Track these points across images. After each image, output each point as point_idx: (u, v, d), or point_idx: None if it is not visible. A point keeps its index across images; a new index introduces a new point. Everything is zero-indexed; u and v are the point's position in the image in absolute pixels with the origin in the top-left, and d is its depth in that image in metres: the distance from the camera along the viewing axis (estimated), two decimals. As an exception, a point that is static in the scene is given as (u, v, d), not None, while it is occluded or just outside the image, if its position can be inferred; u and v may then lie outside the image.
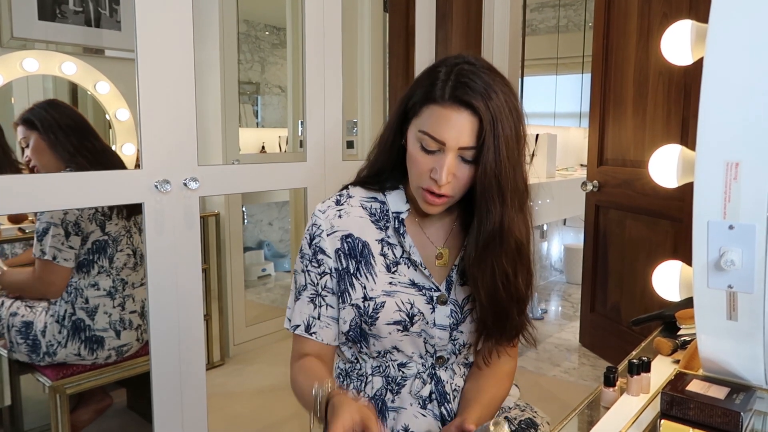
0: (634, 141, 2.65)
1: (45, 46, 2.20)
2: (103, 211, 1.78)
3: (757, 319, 0.70)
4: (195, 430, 1.59)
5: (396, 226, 0.98)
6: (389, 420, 0.99)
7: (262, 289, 3.89)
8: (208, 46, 2.76)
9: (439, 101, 0.87)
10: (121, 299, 1.83)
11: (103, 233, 1.78)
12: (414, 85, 0.93)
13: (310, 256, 0.98)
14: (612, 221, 2.84)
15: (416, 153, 0.90)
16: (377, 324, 0.95)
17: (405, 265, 0.98)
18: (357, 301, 0.96)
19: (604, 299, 2.91)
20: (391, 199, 1.00)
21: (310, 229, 0.99)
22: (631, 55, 2.64)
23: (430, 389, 0.99)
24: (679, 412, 0.72)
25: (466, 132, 0.86)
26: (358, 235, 0.98)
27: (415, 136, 0.90)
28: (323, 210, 0.99)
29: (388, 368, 1.00)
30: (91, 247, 1.76)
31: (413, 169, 0.92)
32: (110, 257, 1.80)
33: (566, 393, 2.53)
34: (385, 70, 3.09)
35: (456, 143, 0.87)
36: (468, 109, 0.86)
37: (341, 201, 1.01)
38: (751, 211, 0.65)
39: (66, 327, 1.74)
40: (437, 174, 0.88)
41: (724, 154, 0.66)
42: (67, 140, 1.74)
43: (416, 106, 0.90)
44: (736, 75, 0.66)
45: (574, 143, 4.87)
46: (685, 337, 1.06)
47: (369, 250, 0.98)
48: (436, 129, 0.87)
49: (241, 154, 3.04)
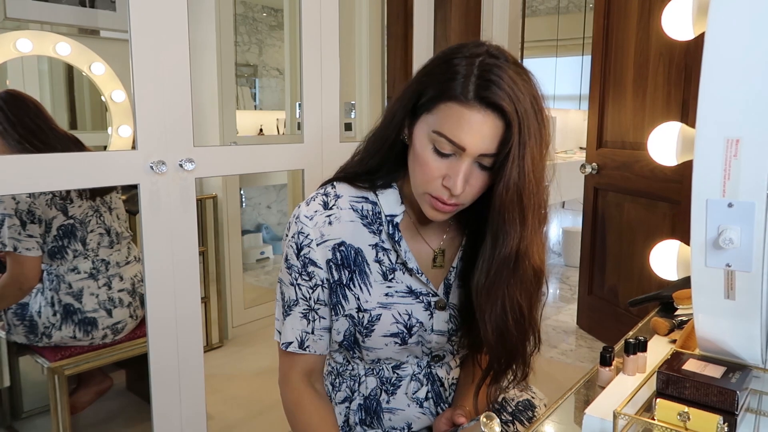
0: (633, 123, 2.64)
1: (39, 27, 2.18)
2: (61, 195, 1.74)
3: (755, 298, 0.70)
4: (193, 411, 1.60)
5: (390, 231, 0.88)
6: (385, 420, 0.96)
7: (260, 272, 3.90)
8: (205, 27, 2.73)
9: (460, 99, 0.75)
10: (106, 279, 1.82)
11: (67, 217, 1.75)
12: (426, 75, 0.81)
13: (299, 268, 0.88)
14: (610, 204, 2.83)
15: (427, 155, 0.79)
16: (372, 336, 0.89)
17: (401, 272, 0.90)
18: (351, 311, 0.89)
19: (601, 282, 2.92)
20: (384, 199, 0.90)
21: (296, 238, 0.88)
22: (632, 36, 2.61)
23: (427, 390, 0.96)
24: (675, 391, 0.72)
25: (490, 138, 0.75)
26: (351, 242, 0.88)
27: (428, 136, 0.78)
28: (310, 216, 0.88)
29: (382, 370, 0.95)
30: (58, 233, 1.74)
31: (420, 172, 0.80)
32: (82, 240, 1.78)
33: (563, 374, 2.55)
34: (383, 51, 3.06)
35: (477, 149, 0.76)
36: (495, 112, 0.75)
37: (329, 203, 0.89)
38: (751, 189, 0.65)
39: (58, 311, 1.75)
40: (451, 182, 0.78)
41: (725, 131, 0.65)
42: (14, 130, 1.70)
43: (431, 101, 0.78)
44: (737, 50, 0.65)
45: (574, 126, 4.85)
46: (682, 317, 1.06)
47: (363, 258, 0.88)
48: (456, 132, 0.75)
49: (239, 137, 3.02)
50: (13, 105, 1.74)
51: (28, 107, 1.77)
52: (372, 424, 0.96)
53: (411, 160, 0.83)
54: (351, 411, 0.97)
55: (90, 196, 1.81)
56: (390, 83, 2.82)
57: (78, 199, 1.78)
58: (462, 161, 0.77)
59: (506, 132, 0.76)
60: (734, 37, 0.65)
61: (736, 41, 0.65)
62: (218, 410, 2.16)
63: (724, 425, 0.67)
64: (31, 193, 1.68)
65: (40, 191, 1.63)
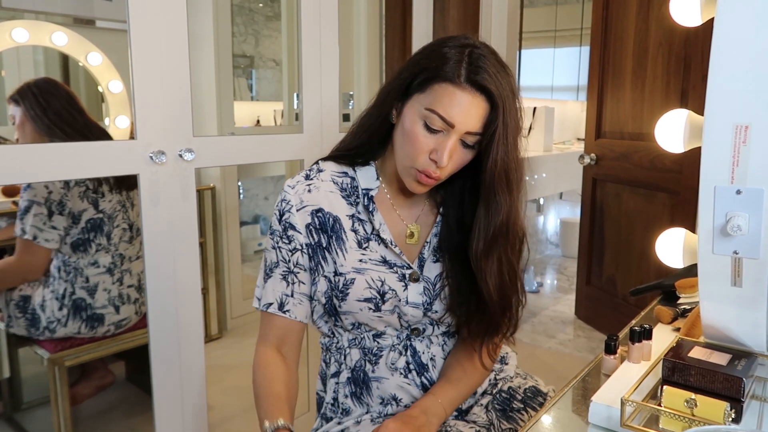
0: (632, 113, 2.64)
1: (34, 17, 2.15)
2: (95, 188, 1.74)
3: (762, 286, 0.70)
4: (194, 402, 1.60)
5: (366, 203, 0.96)
6: (373, 389, 0.99)
7: (258, 263, 3.88)
8: (201, 17, 2.71)
9: (454, 81, 0.83)
10: (120, 274, 1.82)
11: (97, 211, 1.75)
12: (419, 60, 0.89)
13: (280, 232, 0.96)
14: (609, 194, 2.84)
15: (417, 131, 0.86)
16: (348, 300, 0.94)
17: (375, 242, 0.96)
18: (329, 274, 0.95)
19: (599, 272, 2.93)
20: (361, 175, 0.97)
21: (279, 205, 0.96)
22: (631, 26, 2.61)
23: (406, 360, 0.99)
24: (681, 379, 0.72)
25: (477, 117, 0.84)
26: (329, 209, 0.95)
27: (419, 113, 0.86)
28: (292, 185, 0.96)
29: (363, 339, 0.99)
30: (86, 226, 1.73)
31: (409, 147, 0.88)
32: (107, 234, 1.78)
33: (561, 364, 2.56)
34: (381, 41, 3.04)
35: (465, 127, 0.84)
36: (483, 94, 0.84)
37: (311, 176, 0.97)
38: (760, 175, 0.64)
39: (66, 306, 1.73)
40: (438, 155, 0.86)
41: (734, 117, 0.64)
42: (45, 115, 1.70)
43: (424, 82, 0.86)
44: (747, 36, 0.64)
45: (572, 117, 4.85)
46: (685, 306, 1.06)
47: (340, 225, 0.95)
48: (448, 109, 0.83)
49: (236, 128, 3.00)
50: (46, 91, 1.74)
51: (60, 95, 1.77)
52: (362, 396, 0.99)
53: (399, 137, 0.90)
54: (340, 385, 1.01)
55: (120, 190, 1.80)
56: (388, 74, 2.81)
57: (109, 193, 1.77)
58: (449, 137, 0.85)
59: (490, 114, 0.85)
60: (744, 23, 0.64)
61: (745, 27, 0.64)
62: (218, 401, 2.16)
63: (731, 412, 0.67)
64: (65, 183, 1.68)
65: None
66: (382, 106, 0.93)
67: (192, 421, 1.60)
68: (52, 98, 1.73)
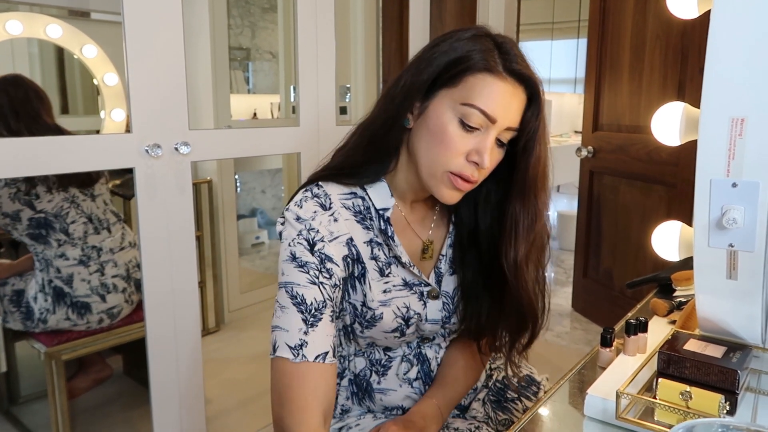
0: (629, 106, 2.63)
1: (29, 9, 2.14)
2: (27, 190, 1.70)
3: (757, 279, 0.70)
4: (191, 395, 1.60)
5: (382, 226, 0.85)
6: (377, 401, 0.95)
7: (256, 257, 3.89)
8: (197, 10, 2.70)
9: (492, 71, 0.74)
10: (98, 266, 1.81)
11: (35, 211, 1.72)
12: (436, 55, 0.78)
13: (317, 265, 0.79)
14: (606, 187, 2.84)
15: (451, 130, 0.76)
16: (373, 330, 0.87)
17: (395, 265, 0.87)
18: (355, 302, 0.86)
19: (596, 265, 2.93)
20: (373, 193, 0.85)
21: (304, 234, 0.79)
22: (628, 18, 2.60)
23: (417, 370, 0.95)
24: (676, 371, 0.72)
25: (517, 111, 0.77)
26: (356, 239, 0.84)
27: (452, 109, 0.76)
28: (311, 217, 0.81)
29: (372, 353, 0.94)
30: (30, 224, 1.72)
31: (442, 149, 0.77)
32: (63, 230, 1.75)
33: (558, 356, 2.56)
34: (378, 34, 3.03)
35: (506, 122, 0.76)
36: (522, 85, 0.76)
37: (326, 204, 0.83)
38: (756, 168, 0.64)
39: (49, 294, 1.74)
40: (480, 156, 0.76)
41: (730, 110, 0.64)
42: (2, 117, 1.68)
43: (456, 75, 0.76)
44: (743, 28, 0.64)
45: (569, 109, 4.85)
46: (681, 299, 1.06)
47: (361, 256, 0.85)
48: (488, 103, 0.74)
49: (233, 120, 3.00)
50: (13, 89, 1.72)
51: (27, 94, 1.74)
52: (363, 399, 0.96)
53: (423, 141, 0.79)
54: (342, 388, 0.96)
55: (62, 189, 1.76)
56: (385, 66, 2.80)
57: (47, 194, 1.72)
58: (488, 135, 0.76)
59: (527, 107, 0.78)
60: (740, 16, 0.64)
61: (741, 19, 0.64)
62: (215, 394, 2.17)
63: (725, 404, 0.67)
64: None
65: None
66: (393, 111, 0.81)
67: (189, 415, 1.60)
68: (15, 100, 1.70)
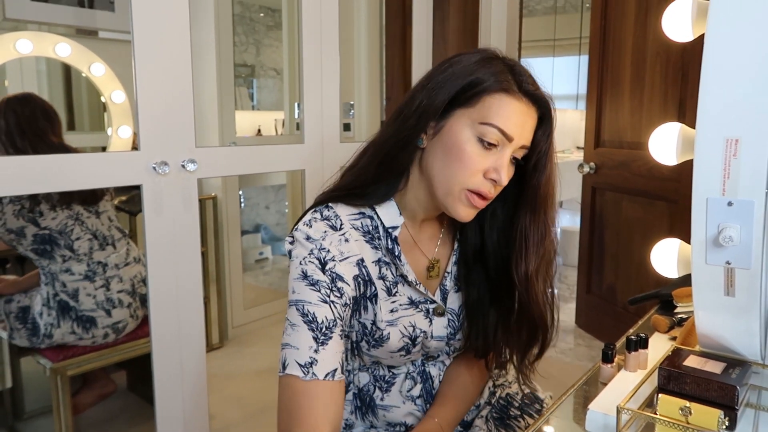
0: (631, 122, 2.65)
1: (38, 28, 2.18)
2: (30, 207, 1.72)
3: (754, 295, 0.71)
4: (196, 411, 1.61)
5: (390, 246, 0.87)
6: (380, 417, 0.96)
7: (259, 272, 3.91)
8: (203, 27, 2.74)
9: (509, 91, 0.79)
10: (104, 281, 1.82)
11: (39, 228, 1.74)
12: (448, 78, 0.81)
13: (328, 283, 0.80)
14: (608, 203, 2.85)
15: (470, 149, 0.80)
16: (381, 349, 0.89)
17: (401, 284, 0.89)
18: (365, 321, 0.87)
19: (599, 280, 2.93)
20: (383, 212, 0.87)
21: (315, 253, 0.81)
22: (629, 35, 2.63)
23: (420, 388, 0.96)
24: (676, 387, 0.73)
25: (530, 130, 0.82)
26: (366, 259, 0.86)
27: (471, 128, 0.80)
28: (321, 237, 0.83)
29: (377, 369, 0.95)
30: (35, 239, 1.74)
31: (460, 167, 0.80)
32: (68, 246, 1.77)
33: (562, 373, 2.56)
34: (381, 51, 3.07)
35: (521, 140, 0.81)
36: (534, 105, 0.82)
37: (336, 225, 0.85)
38: (750, 188, 0.66)
39: (54, 308, 1.76)
40: (498, 174, 0.80)
41: (724, 131, 0.66)
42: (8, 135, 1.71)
43: (473, 96, 0.80)
44: (736, 51, 0.66)
45: (571, 125, 4.87)
46: (682, 315, 1.07)
47: (371, 276, 0.87)
48: (505, 122, 0.78)
49: (237, 137, 3.03)
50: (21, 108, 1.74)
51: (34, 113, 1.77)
52: (367, 413, 0.97)
53: (439, 160, 0.82)
54: (346, 402, 0.96)
55: (66, 206, 1.78)
56: (389, 83, 2.84)
57: (51, 211, 1.75)
58: (505, 153, 0.81)
59: (538, 126, 0.83)
60: (733, 39, 0.66)
61: (735, 43, 0.66)
62: (219, 410, 2.17)
63: (725, 419, 0.68)
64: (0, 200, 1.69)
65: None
66: (407, 131, 0.83)
67: (193, 431, 1.61)
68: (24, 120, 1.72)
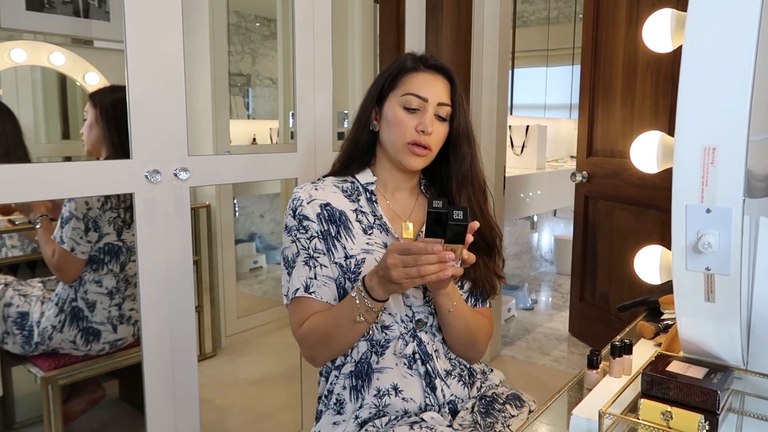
0: (622, 132, 2.68)
1: (33, 37, 2.19)
2: (123, 217, 1.80)
3: (734, 301, 0.72)
4: (187, 420, 1.60)
5: (368, 196, 1.12)
6: (374, 380, 1.05)
7: (253, 281, 3.90)
8: (198, 37, 2.75)
9: (417, 69, 1.09)
10: (120, 299, 1.85)
11: (118, 239, 1.80)
12: (380, 76, 1.13)
13: (296, 225, 1.08)
14: (601, 212, 2.87)
15: (400, 115, 1.07)
16: (360, 279, 1.01)
17: (378, 230, 1.10)
18: (339, 260, 1.06)
19: (593, 289, 2.94)
20: (360, 176, 1.14)
21: (291, 204, 1.10)
22: (620, 46, 2.66)
23: (413, 348, 1.06)
24: (659, 392, 0.74)
25: (443, 91, 1.08)
26: (335, 205, 1.09)
27: (397, 101, 1.08)
28: (300, 187, 1.11)
29: (372, 332, 1.06)
30: (103, 248, 1.78)
31: (396, 129, 1.07)
32: (122, 264, 1.82)
33: (555, 380, 2.56)
34: (375, 61, 3.09)
35: (436, 98, 1.07)
36: (441, 73, 1.10)
37: (317, 185, 1.12)
38: (728, 195, 0.67)
39: (65, 311, 1.76)
40: (424, 125, 1.05)
41: (702, 140, 0.67)
42: (111, 128, 1.77)
43: (393, 81, 1.09)
44: (713, 62, 0.67)
45: (565, 135, 4.90)
46: (668, 321, 1.08)
47: (346, 217, 1.09)
48: (420, 88, 1.07)
49: (232, 146, 3.03)
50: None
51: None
52: (361, 389, 1.04)
53: (386, 131, 1.10)
54: (341, 377, 1.07)
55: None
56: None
57: (129, 229, 1.81)
58: (427, 111, 1.07)
59: (451, 89, 1.10)
60: (710, 50, 0.68)
61: (711, 54, 0.67)
62: (211, 419, 2.16)
63: (705, 423, 0.69)
64: (102, 204, 1.77)
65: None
66: (363, 119, 1.14)
67: (185, 439, 1.60)
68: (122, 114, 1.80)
